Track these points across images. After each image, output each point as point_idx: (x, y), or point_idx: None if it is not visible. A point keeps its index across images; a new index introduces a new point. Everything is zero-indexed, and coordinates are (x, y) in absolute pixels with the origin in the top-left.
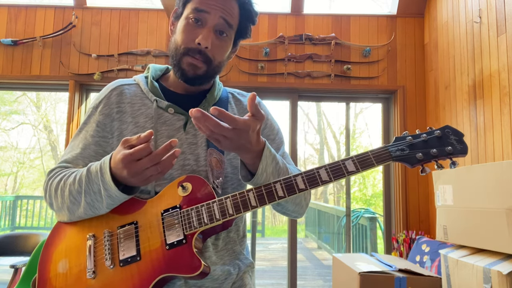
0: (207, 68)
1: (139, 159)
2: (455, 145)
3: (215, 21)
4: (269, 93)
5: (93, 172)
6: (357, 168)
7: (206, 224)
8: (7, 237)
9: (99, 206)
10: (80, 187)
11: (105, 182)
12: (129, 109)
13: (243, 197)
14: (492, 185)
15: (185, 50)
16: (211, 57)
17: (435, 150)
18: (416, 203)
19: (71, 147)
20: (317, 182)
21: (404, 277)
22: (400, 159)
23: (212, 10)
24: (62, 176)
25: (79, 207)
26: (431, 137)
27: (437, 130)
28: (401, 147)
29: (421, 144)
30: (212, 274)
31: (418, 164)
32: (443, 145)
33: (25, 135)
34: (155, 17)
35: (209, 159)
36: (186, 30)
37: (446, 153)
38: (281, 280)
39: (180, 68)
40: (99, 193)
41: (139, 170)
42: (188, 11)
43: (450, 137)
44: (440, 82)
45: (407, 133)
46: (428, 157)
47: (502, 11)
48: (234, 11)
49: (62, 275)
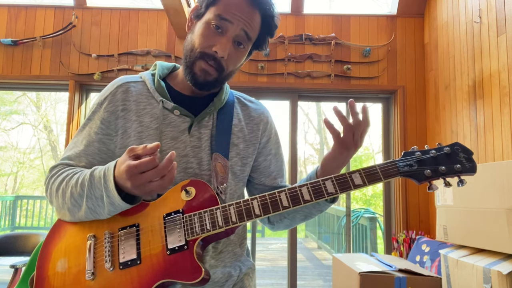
0: (218, 76)
1: (144, 171)
2: (464, 163)
3: (235, 32)
4: (269, 93)
5: (96, 178)
6: (364, 182)
7: (209, 230)
8: (7, 237)
9: (100, 212)
10: (82, 191)
11: (108, 190)
12: (135, 107)
13: (247, 205)
14: (492, 185)
15: (201, 54)
16: (224, 66)
17: (443, 168)
18: (416, 203)
19: (74, 142)
20: (322, 194)
21: (404, 277)
22: (408, 175)
23: (235, 21)
24: (65, 176)
25: (80, 210)
26: (440, 153)
27: (447, 147)
28: (410, 162)
29: (430, 160)
30: (213, 277)
31: (426, 181)
32: (452, 162)
33: (25, 135)
34: (155, 17)
35: (214, 164)
36: (205, 34)
37: (455, 171)
38: (281, 280)
39: (192, 71)
40: (101, 199)
41: (143, 182)
42: (211, 15)
43: (459, 155)
44: (440, 82)
45: (415, 148)
46: (437, 174)
47: (502, 11)
48: (256, 23)
49: (60, 274)
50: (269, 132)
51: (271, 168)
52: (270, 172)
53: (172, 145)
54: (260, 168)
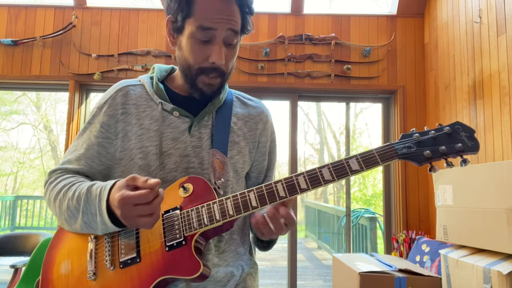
0: (222, 80)
1: (137, 204)
2: (466, 142)
3: (223, 35)
4: (269, 93)
5: (92, 194)
6: (361, 167)
7: (206, 225)
8: (7, 237)
9: (95, 227)
10: (78, 205)
11: (101, 209)
12: (134, 110)
13: (243, 198)
14: (492, 185)
15: (200, 70)
16: (225, 70)
17: (444, 147)
18: (416, 203)
19: (75, 146)
20: (319, 182)
21: (404, 277)
22: (406, 157)
23: (218, 25)
24: (63, 186)
25: (76, 223)
26: (440, 133)
27: (447, 127)
28: (408, 144)
29: (430, 141)
30: (215, 276)
31: (426, 162)
32: (453, 142)
33: (25, 135)
34: (155, 17)
35: (212, 159)
36: (195, 50)
37: (456, 150)
38: (281, 280)
39: (197, 87)
40: (95, 216)
41: (133, 215)
42: (193, 28)
43: (460, 134)
44: (440, 82)
45: (414, 130)
46: (437, 155)
47: (502, 11)
48: (236, 14)
49: (64, 277)
50: (267, 131)
51: (264, 166)
52: (263, 170)
53: (173, 146)
54: (254, 165)
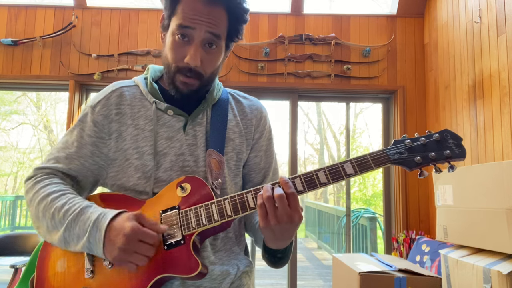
0: (200, 83)
1: (141, 241)
2: (454, 149)
3: (201, 36)
4: (269, 93)
5: (85, 216)
6: (356, 171)
7: (205, 225)
8: (7, 237)
9: (71, 246)
10: (64, 219)
11: (95, 237)
12: (129, 111)
13: (241, 199)
14: (492, 185)
15: (177, 69)
16: (202, 72)
17: (433, 154)
18: (416, 203)
19: (64, 143)
20: (315, 185)
21: (404, 277)
22: (398, 162)
23: (197, 26)
24: (50, 192)
25: (55, 234)
26: (429, 140)
27: (436, 134)
28: (400, 150)
29: (420, 147)
30: (211, 274)
31: (417, 168)
32: (441, 148)
33: (25, 135)
34: (155, 17)
35: (208, 160)
36: (174, 47)
37: (445, 156)
38: (281, 280)
39: (175, 85)
40: (78, 238)
41: (131, 249)
42: (174, 26)
43: (448, 141)
44: (440, 82)
45: (406, 136)
46: (427, 161)
47: (502, 11)
48: (221, 19)
49: (60, 274)
50: (262, 128)
51: (261, 164)
52: (260, 169)
53: (168, 145)
54: (250, 164)
